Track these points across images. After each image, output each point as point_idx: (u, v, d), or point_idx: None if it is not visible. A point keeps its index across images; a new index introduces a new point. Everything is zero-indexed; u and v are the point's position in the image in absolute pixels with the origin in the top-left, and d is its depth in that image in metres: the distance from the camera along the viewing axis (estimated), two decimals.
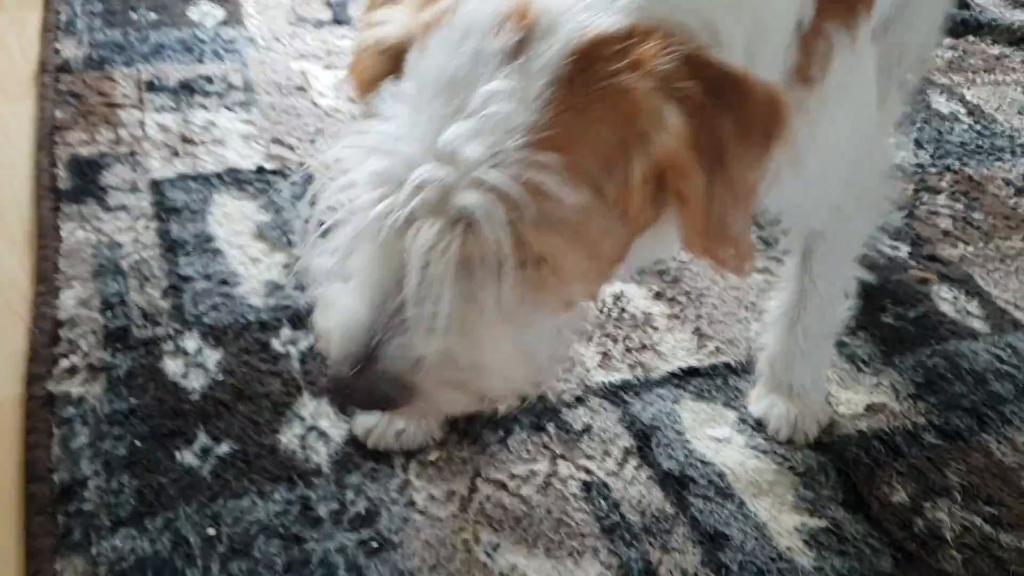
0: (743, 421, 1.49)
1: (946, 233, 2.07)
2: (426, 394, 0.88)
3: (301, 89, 2.19)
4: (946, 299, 1.86)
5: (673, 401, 1.51)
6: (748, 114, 0.84)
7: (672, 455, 1.40)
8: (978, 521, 1.39)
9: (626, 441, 1.43)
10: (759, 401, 1.52)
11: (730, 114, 0.83)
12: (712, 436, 1.46)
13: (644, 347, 1.62)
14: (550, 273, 0.84)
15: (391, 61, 0.89)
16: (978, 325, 1.80)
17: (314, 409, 1.40)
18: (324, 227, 0.88)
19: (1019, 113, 2.63)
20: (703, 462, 1.40)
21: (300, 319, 1.55)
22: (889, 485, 1.43)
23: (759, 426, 1.48)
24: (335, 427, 1.38)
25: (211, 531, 1.22)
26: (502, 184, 0.78)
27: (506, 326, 0.86)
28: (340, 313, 0.88)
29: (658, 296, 1.74)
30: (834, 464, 1.44)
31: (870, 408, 1.56)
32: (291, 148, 1.97)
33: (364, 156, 0.83)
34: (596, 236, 0.85)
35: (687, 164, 0.82)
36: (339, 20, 2.53)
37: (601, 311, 1.68)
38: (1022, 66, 2.93)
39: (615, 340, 1.62)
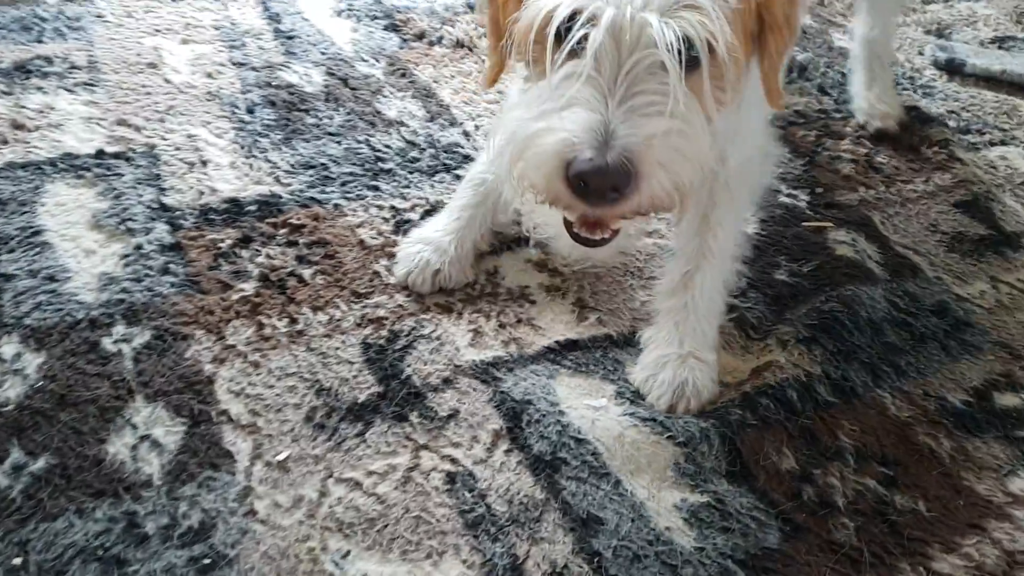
0: (620, 394, 1.39)
1: (847, 178, 1.99)
2: (650, 175, 1.08)
3: (153, 66, 2.02)
4: (844, 242, 1.77)
5: (549, 376, 1.40)
6: None
7: (544, 434, 1.29)
8: (872, 484, 1.31)
9: (496, 423, 1.31)
10: (642, 370, 1.42)
11: None
12: (589, 405, 1.35)
13: (520, 322, 1.50)
14: (723, 65, 1.10)
15: None
16: (877, 270, 1.72)
17: (148, 415, 1.26)
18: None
19: (919, 54, 2.57)
20: (577, 440, 1.29)
21: (135, 313, 1.40)
22: (778, 451, 1.33)
23: (638, 398, 1.38)
24: (170, 434, 1.24)
25: (17, 560, 1.07)
26: None
27: (699, 116, 1.11)
28: (573, 121, 1.07)
29: (538, 266, 1.62)
30: (718, 430, 1.34)
31: (756, 371, 1.46)
32: (137, 129, 1.81)
33: None
34: (743, 39, 1.13)
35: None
36: None
37: (472, 287, 1.56)
38: (922, 7, 2.87)
39: (488, 316, 1.50)
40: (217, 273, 1.50)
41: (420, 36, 2.30)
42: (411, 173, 1.80)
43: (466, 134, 1.95)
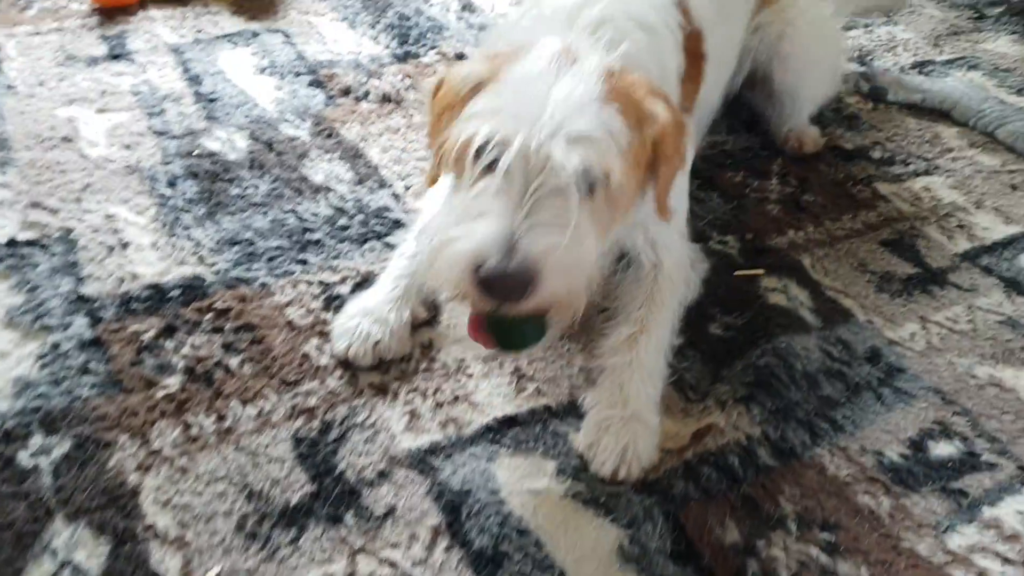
0: (562, 471, 1.37)
1: (775, 220, 2.00)
2: (547, 280, 1.19)
3: (68, 140, 1.95)
4: (776, 289, 1.78)
5: (488, 460, 1.38)
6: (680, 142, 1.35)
7: (485, 527, 1.27)
8: (814, 552, 1.31)
9: (434, 518, 1.28)
10: (587, 435, 1.42)
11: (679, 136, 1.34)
12: (530, 489, 1.33)
13: (457, 399, 1.48)
14: (616, 193, 1.26)
15: (472, 90, 1.29)
16: (809, 317, 1.73)
17: (69, 537, 1.21)
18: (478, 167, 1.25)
19: (843, 83, 2.59)
20: (519, 531, 1.27)
21: (54, 421, 1.35)
22: (721, 524, 1.33)
23: (580, 472, 1.37)
24: (93, 557, 1.19)
25: None
26: (591, 127, 1.22)
27: (592, 233, 1.25)
28: (480, 230, 1.19)
29: None
30: (661, 507, 1.33)
31: (696, 435, 1.46)
32: (53, 212, 1.75)
33: (485, 116, 1.24)
34: (635, 171, 1.30)
35: (673, 134, 1.31)
36: (116, 55, 2.29)
37: (408, 361, 1.53)
38: (843, 33, 2.91)
39: (424, 396, 1.48)
40: (140, 369, 1.45)
41: (346, 92, 2.26)
42: (340, 243, 1.77)
43: (396, 196, 1.92)
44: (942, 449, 1.50)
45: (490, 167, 1.23)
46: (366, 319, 1.52)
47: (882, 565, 1.30)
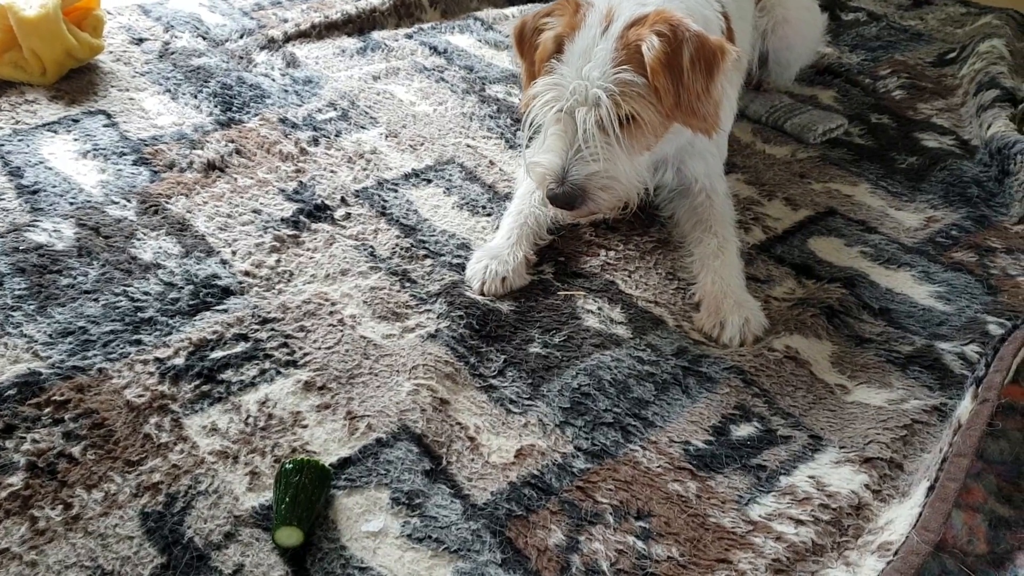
0: (396, 500, 1.49)
1: (588, 243, 2.15)
2: (591, 195, 1.86)
3: None
4: (591, 311, 1.94)
5: (325, 505, 1.48)
6: (701, 51, 1.76)
7: (329, 571, 1.37)
8: (631, 540, 1.46)
9: (280, 571, 1.38)
10: (709, 319, 1.93)
11: (689, 49, 1.75)
12: (367, 532, 1.44)
13: (294, 451, 1.58)
14: (639, 124, 1.82)
15: (555, 44, 1.88)
16: (621, 331, 1.89)
17: None
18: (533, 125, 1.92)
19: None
20: (360, 569, 1.38)
21: None
22: (544, 528, 1.47)
23: (413, 498, 1.49)
24: None
25: None
26: (609, 84, 1.78)
27: (624, 156, 1.84)
28: (547, 161, 1.87)
29: (307, 387, 1.70)
30: (488, 527, 1.46)
31: (520, 453, 1.59)
32: None
33: (551, 86, 1.85)
34: (654, 103, 1.80)
35: (660, 70, 1.75)
36: None
37: (246, 423, 1.62)
38: None
39: (263, 454, 1.57)
40: None
41: (170, 165, 2.33)
42: (172, 318, 1.84)
43: (224, 262, 2.00)
44: (742, 431, 1.68)
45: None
46: (492, 261, 1.97)
47: (691, 543, 1.46)
